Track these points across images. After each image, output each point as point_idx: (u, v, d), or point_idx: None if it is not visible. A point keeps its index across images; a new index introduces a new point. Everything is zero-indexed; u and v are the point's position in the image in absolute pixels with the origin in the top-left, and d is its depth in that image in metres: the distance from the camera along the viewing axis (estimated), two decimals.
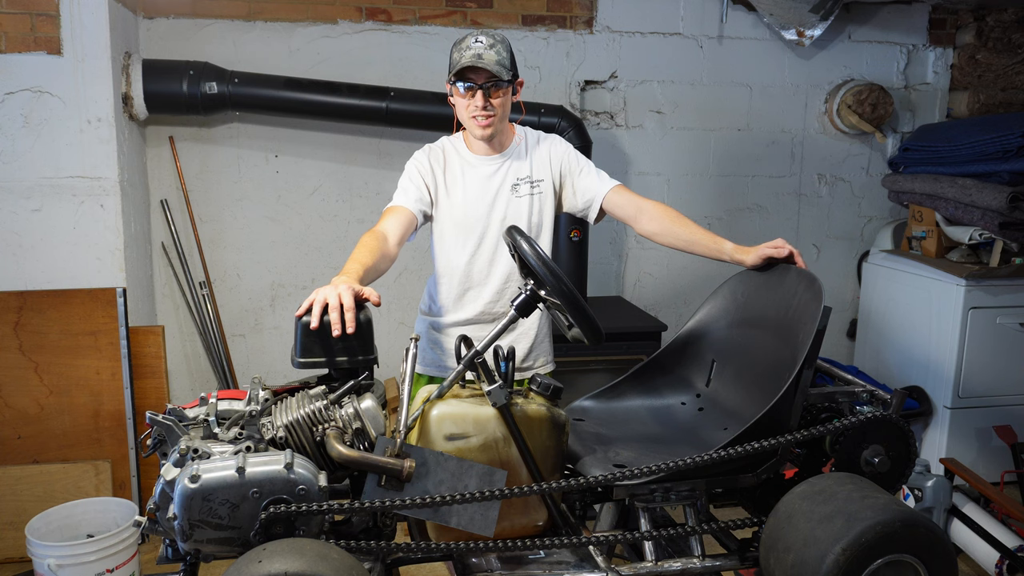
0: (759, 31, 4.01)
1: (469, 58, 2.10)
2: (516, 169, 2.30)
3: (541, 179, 2.31)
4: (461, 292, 2.31)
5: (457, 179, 2.29)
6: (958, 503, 3.15)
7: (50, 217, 3.14)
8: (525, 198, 2.29)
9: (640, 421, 2.08)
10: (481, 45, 2.12)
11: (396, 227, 2.20)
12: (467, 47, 2.13)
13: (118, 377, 3.17)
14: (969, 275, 3.54)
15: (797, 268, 2.03)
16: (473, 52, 2.11)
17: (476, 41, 2.13)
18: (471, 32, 2.17)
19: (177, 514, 1.49)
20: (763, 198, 4.19)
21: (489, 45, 2.13)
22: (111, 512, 2.92)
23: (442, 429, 1.70)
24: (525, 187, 2.30)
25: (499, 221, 2.28)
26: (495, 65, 2.10)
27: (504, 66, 2.12)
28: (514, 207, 2.28)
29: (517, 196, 2.29)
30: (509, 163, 2.30)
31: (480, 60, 2.09)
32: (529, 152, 2.32)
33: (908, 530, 1.56)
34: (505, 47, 2.16)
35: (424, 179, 2.27)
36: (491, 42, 2.13)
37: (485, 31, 2.17)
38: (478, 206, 2.27)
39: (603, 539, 1.77)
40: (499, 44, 2.14)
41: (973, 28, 4.14)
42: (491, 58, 2.11)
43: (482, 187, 2.28)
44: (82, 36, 3.05)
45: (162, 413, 1.64)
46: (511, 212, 2.28)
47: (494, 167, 2.28)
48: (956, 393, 3.63)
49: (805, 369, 1.77)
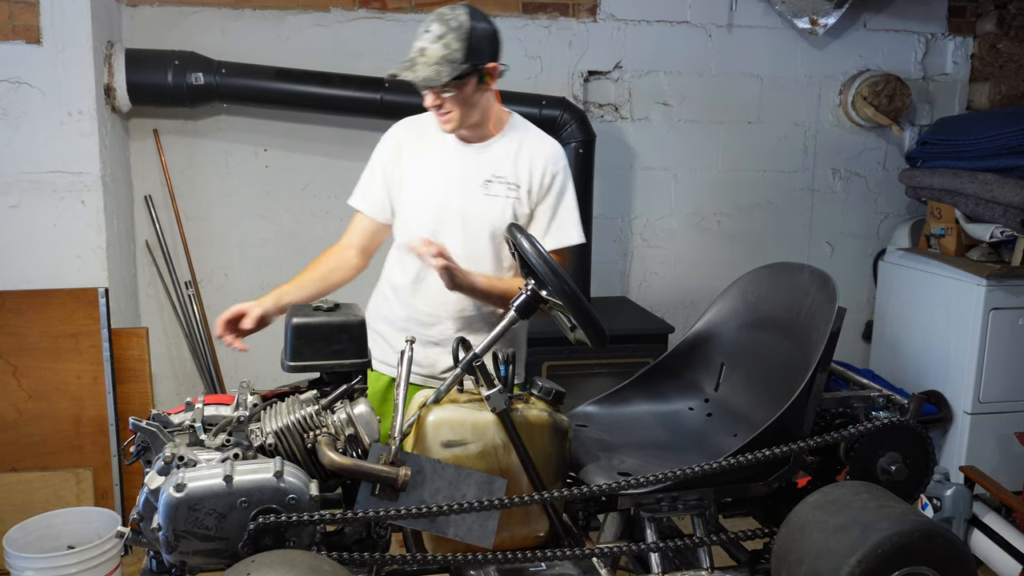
0: (770, 19, 4.01)
1: (405, 63, 2.01)
2: (494, 164, 2.18)
3: (519, 185, 2.17)
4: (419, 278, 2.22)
5: (426, 159, 2.20)
6: (978, 513, 3.14)
7: (29, 214, 3.14)
8: (499, 199, 2.16)
9: (646, 427, 2.08)
10: (429, 36, 2.00)
11: (358, 238, 2.24)
12: (420, 33, 2.02)
13: (100, 381, 3.17)
14: (990, 274, 3.54)
15: (810, 267, 2.03)
16: (415, 49, 2.01)
17: (425, 31, 2.02)
18: (428, 18, 2.04)
19: (162, 524, 1.49)
20: (774, 194, 4.19)
21: (437, 36, 1.99)
22: (93, 522, 2.92)
23: (439, 435, 1.70)
24: (500, 187, 2.17)
25: (459, 214, 2.17)
26: (432, 67, 1.98)
27: (452, 61, 1.98)
28: (483, 205, 2.17)
29: (488, 194, 2.17)
30: (487, 155, 2.18)
31: (414, 68, 1.99)
32: (517, 150, 2.19)
33: (926, 541, 1.56)
34: (460, 35, 1.99)
35: (384, 174, 2.23)
36: (441, 31, 1.99)
37: (442, 16, 2.02)
38: (440, 193, 2.18)
39: (607, 551, 1.77)
40: (451, 33, 1.99)
41: (994, 16, 4.14)
42: (434, 55, 1.98)
43: (448, 173, 2.18)
44: (62, 25, 3.05)
45: (146, 419, 1.65)
46: (478, 208, 2.16)
47: (468, 154, 2.18)
48: (976, 398, 3.63)
49: (818, 373, 1.77)
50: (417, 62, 2.01)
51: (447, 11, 2.03)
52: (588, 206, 3.67)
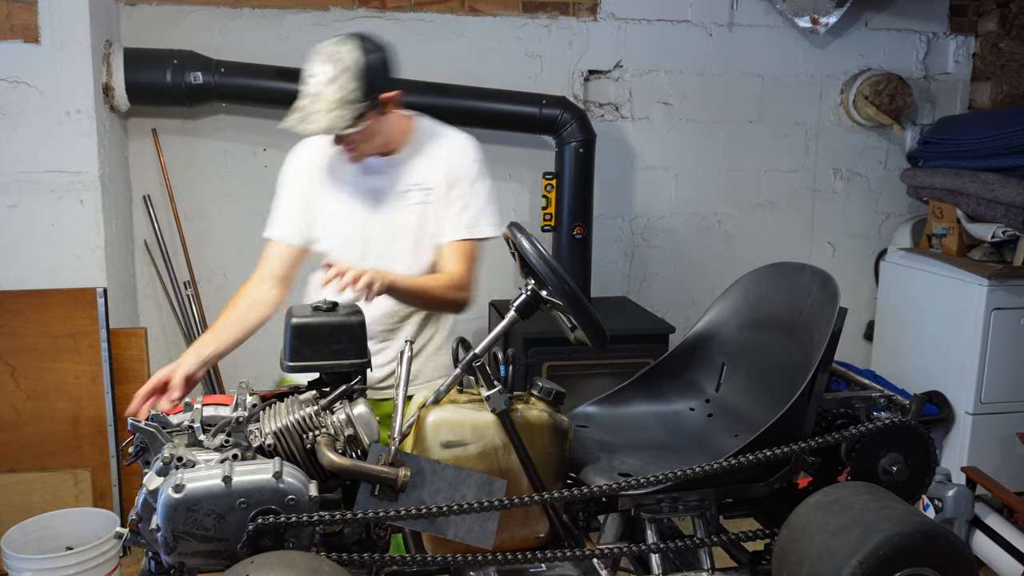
0: (771, 18, 4.01)
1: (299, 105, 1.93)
2: (407, 174, 2.15)
3: (434, 187, 2.15)
4: None
5: (339, 180, 2.16)
6: (980, 514, 3.14)
7: (27, 214, 3.14)
8: (417, 207, 2.14)
9: (646, 428, 2.08)
10: (320, 80, 1.92)
11: (275, 268, 2.17)
12: (308, 77, 1.94)
13: (98, 381, 3.16)
14: (992, 274, 3.54)
15: (811, 267, 2.03)
16: (307, 95, 1.93)
17: (314, 75, 1.93)
18: (318, 50, 1.95)
19: (160, 525, 1.49)
20: (775, 193, 4.19)
21: (330, 79, 1.91)
22: (91, 523, 2.92)
23: (439, 436, 1.70)
24: (417, 194, 2.14)
25: (382, 230, 2.15)
26: (330, 115, 1.91)
27: (350, 103, 1.92)
28: (402, 217, 2.14)
29: (406, 204, 2.14)
30: (398, 167, 2.15)
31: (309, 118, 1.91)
32: (427, 155, 2.16)
33: (928, 542, 1.56)
34: (353, 74, 1.92)
35: (297, 199, 2.17)
36: (333, 73, 1.91)
37: (330, 55, 1.92)
38: (358, 213, 2.14)
39: (607, 552, 1.77)
40: (344, 74, 1.92)
41: (996, 15, 4.14)
42: (329, 100, 1.92)
43: (364, 192, 2.15)
44: (61, 24, 3.05)
45: (144, 419, 1.65)
46: (398, 221, 2.14)
47: (379, 170, 2.15)
48: (978, 398, 3.63)
49: (820, 373, 1.77)
50: (312, 110, 1.93)
51: (334, 48, 1.94)
52: (588, 206, 3.68)
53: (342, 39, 1.96)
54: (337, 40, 1.96)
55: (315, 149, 2.18)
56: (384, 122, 2.06)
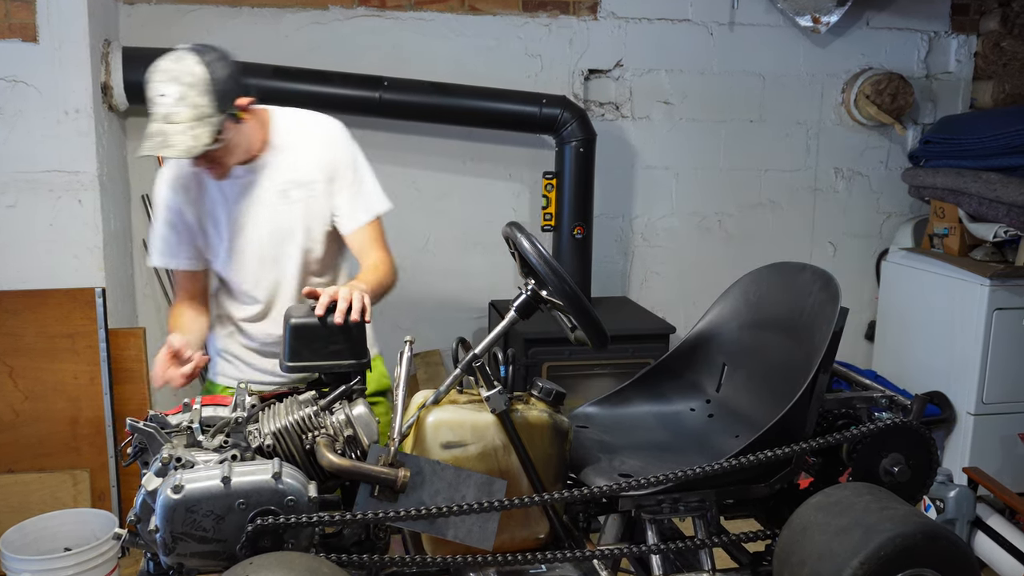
0: (772, 17, 4.01)
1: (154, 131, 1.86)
2: (280, 173, 2.10)
3: (314, 180, 2.12)
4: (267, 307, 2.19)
5: (213, 197, 2.12)
6: (982, 515, 3.14)
7: (25, 213, 3.14)
8: (299, 204, 2.11)
9: (647, 428, 2.08)
10: (168, 100, 1.85)
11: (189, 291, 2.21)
12: (155, 101, 1.86)
13: (97, 382, 3.16)
14: (994, 274, 3.54)
15: (812, 267, 2.03)
16: (159, 116, 1.86)
17: (161, 95, 1.85)
18: (156, 71, 1.87)
19: (159, 526, 1.49)
20: (776, 193, 4.19)
21: (178, 98, 1.84)
22: (89, 524, 2.92)
23: (438, 437, 1.70)
24: (297, 191, 2.11)
25: (268, 236, 2.12)
26: (188, 135, 1.85)
27: (204, 118, 1.86)
28: (286, 217, 2.11)
29: (288, 203, 2.11)
30: (269, 168, 2.10)
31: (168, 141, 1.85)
32: (295, 149, 2.12)
33: (929, 543, 1.56)
34: (201, 89, 1.85)
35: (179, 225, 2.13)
36: (180, 92, 1.84)
37: (172, 74, 1.85)
38: (240, 224, 2.11)
39: (608, 553, 1.77)
40: (192, 90, 1.85)
41: (998, 14, 4.14)
42: (183, 119, 1.85)
43: (241, 202, 2.10)
44: (59, 22, 3.05)
45: (143, 420, 1.65)
46: (282, 222, 2.11)
47: (250, 177, 2.10)
48: (980, 399, 3.63)
49: (821, 373, 1.77)
50: (168, 133, 1.86)
51: (173, 65, 1.87)
52: (589, 205, 3.68)
53: (178, 54, 1.88)
54: (174, 57, 1.88)
55: (181, 174, 2.12)
56: (242, 130, 2.00)
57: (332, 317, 1.75)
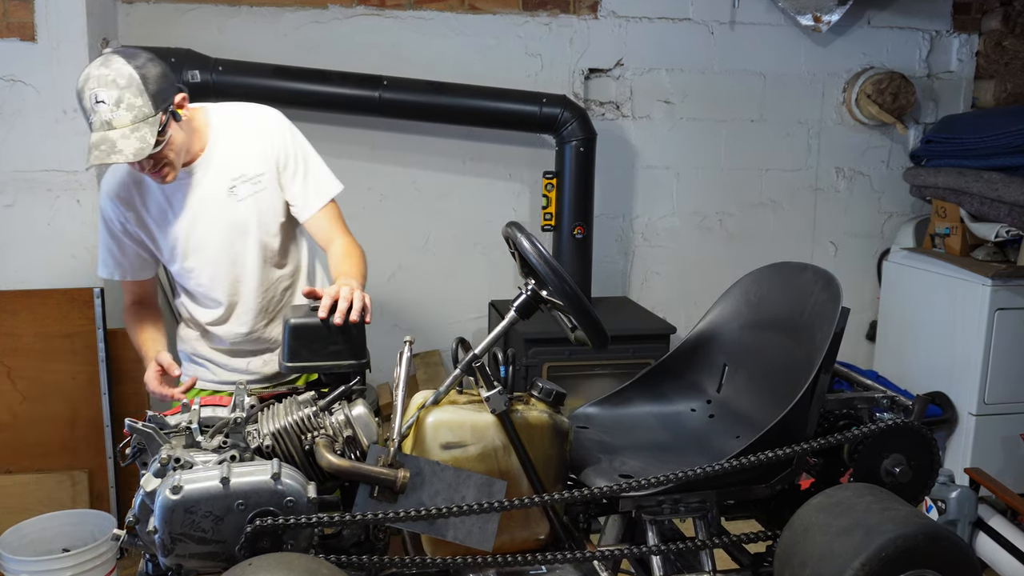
0: (773, 16, 4.01)
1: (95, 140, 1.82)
2: (225, 170, 2.08)
3: (261, 173, 2.10)
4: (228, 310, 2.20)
5: (161, 204, 2.10)
6: (984, 515, 3.14)
7: (23, 213, 3.14)
8: (248, 199, 2.09)
9: (647, 429, 2.08)
10: (105, 107, 1.81)
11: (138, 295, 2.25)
12: (91, 110, 1.83)
13: (95, 382, 3.16)
14: (995, 274, 3.54)
15: (813, 267, 2.03)
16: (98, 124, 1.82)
17: (98, 102, 1.81)
18: (87, 80, 1.83)
19: (158, 527, 1.49)
20: (777, 193, 4.19)
21: (115, 102, 1.81)
22: (88, 525, 2.92)
23: (438, 437, 1.70)
24: (244, 186, 2.09)
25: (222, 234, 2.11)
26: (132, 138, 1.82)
27: (145, 119, 1.84)
28: (237, 213, 2.09)
29: (238, 200, 2.09)
30: (213, 167, 2.08)
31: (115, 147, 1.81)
32: (236, 144, 2.09)
33: (931, 544, 1.56)
34: (136, 89, 1.83)
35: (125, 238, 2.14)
36: (115, 96, 1.81)
37: (103, 79, 1.82)
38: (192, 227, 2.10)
39: (608, 554, 1.77)
40: (126, 91, 1.82)
41: (1000, 13, 4.14)
42: (124, 122, 1.82)
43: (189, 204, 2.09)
44: (57, 21, 3.05)
45: (142, 420, 1.65)
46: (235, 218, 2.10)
47: (195, 178, 2.08)
48: (982, 399, 3.63)
49: (822, 374, 1.78)
50: (112, 139, 1.82)
51: (104, 70, 1.83)
52: (589, 205, 3.68)
53: (105, 59, 1.86)
54: (100, 63, 1.85)
55: (123, 183, 2.10)
56: (182, 128, 1.99)
57: (333, 317, 1.76)
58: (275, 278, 2.21)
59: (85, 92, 1.84)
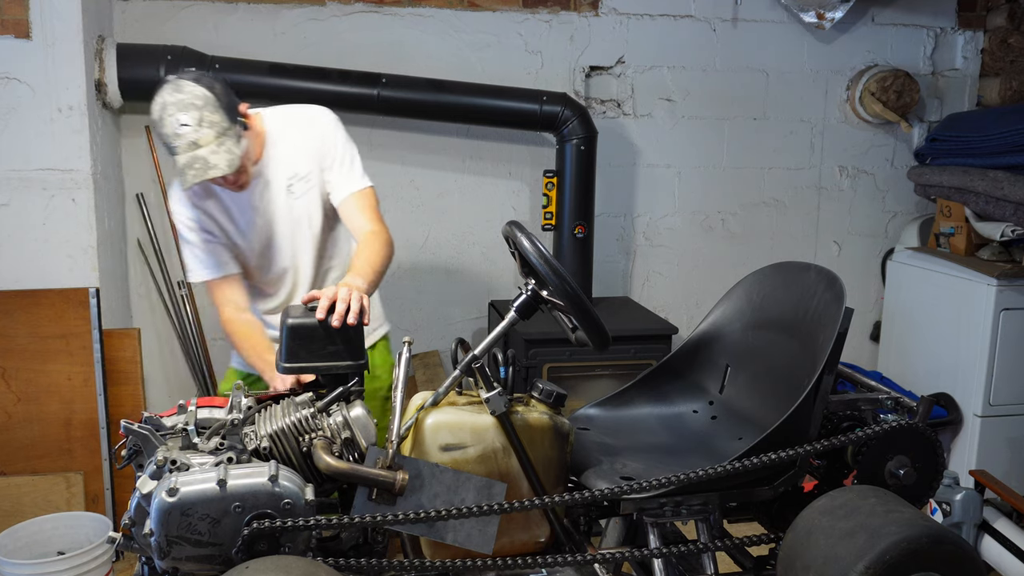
0: (776, 13, 4.01)
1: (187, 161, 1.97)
2: (281, 170, 2.23)
3: (310, 171, 2.24)
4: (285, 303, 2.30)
5: (227, 207, 2.25)
6: (989, 518, 3.14)
7: (18, 212, 3.14)
8: (304, 197, 2.25)
9: (649, 430, 2.09)
10: (190, 128, 1.96)
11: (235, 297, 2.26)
12: (175, 134, 1.97)
13: (91, 383, 3.17)
14: (1001, 274, 3.54)
15: (817, 266, 2.03)
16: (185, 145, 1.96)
17: (183, 125, 1.96)
18: (164, 108, 1.97)
19: (154, 530, 1.49)
20: (780, 192, 4.19)
21: (198, 121, 1.96)
22: (83, 528, 2.92)
23: (437, 439, 1.70)
24: (299, 185, 2.24)
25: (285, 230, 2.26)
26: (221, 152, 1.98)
27: (225, 132, 2.00)
28: (296, 210, 2.25)
29: (295, 198, 2.25)
30: (271, 168, 2.22)
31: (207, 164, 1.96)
32: (287, 145, 2.24)
33: (935, 547, 1.56)
34: (212, 106, 1.98)
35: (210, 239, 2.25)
36: (197, 116, 1.96)
37: (181, 102, 1.96)
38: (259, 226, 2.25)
39: (609, 556, 1.77)
40: (204, 110, 1.98)
41: (1005, 10, 4.14)
42: (209, 139, 1.97)
43: (255, 204, 2.24)
44: (52, 19, 3.05)
45: (138, 422, 1.65)
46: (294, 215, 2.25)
47: (257, 180, 2.22)
48: (987, 400, 3.63)
49: (825, 375, 1.78)
50: (203, 156, 1.97)
51: (176, 95, 1.98)
52: (590, 204, 3.68)
53: (174, 84, 1.99)
54: (171, 90, 1.98)
55: (195, 193, 2.22)
56: (250, 136, 2.13)
57: (331, 318, 1.76)
58: (325, 269, 2.36)
59: (165, 119, 1.97)
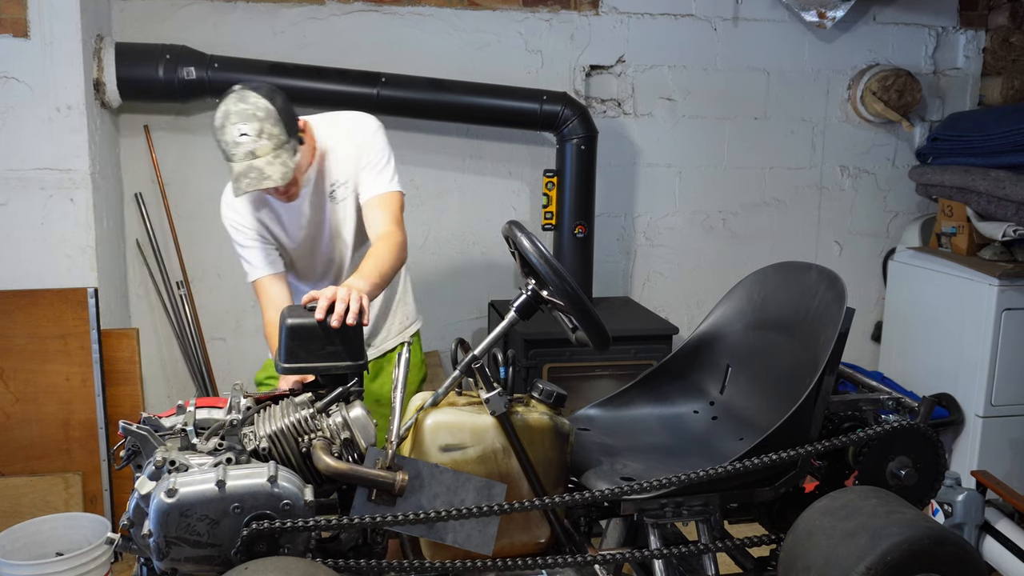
0: (777, 12, 4.01)
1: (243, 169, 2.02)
2: (325, 178, 2.31)
3: (349, 176, 2.31)
4: None
5: (276, 213, 2.32)
6: (990, 519, 3.14)
7: (16, 212, 3.14)
8: (345, 201, 2.32)
9: (649, 431, 2.09)
10: (249, 138, 2.01)
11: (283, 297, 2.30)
12: (235, 143, 2.02)
13: (89, 384, 3.17)
14: (1003, 274, 3.54)
15: (818, 266, 2.03)
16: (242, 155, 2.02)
17: (242, 135, 2.01)
18: (227, 116, 2.03)
19: (152, 531, 1.49)
20: (781, 191, 4.19)
21: (257, 133, 2.01)
22: (82, 528, 2.92)
23: (437, 439, 1.70)
24: (341, 190, 2.31)
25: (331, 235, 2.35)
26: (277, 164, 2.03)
27: (283, 145, 2.05)
28: (339, 215, 2.33)
29: (337, 203, 2.32)
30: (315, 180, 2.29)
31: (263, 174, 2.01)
32: (334, 154, 2.31)
33: (937, 547, 1.56)
34: (273, 119, 2.03)
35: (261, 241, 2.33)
36: (257, 127, 2.02)
37: (244, 112, 2.02)
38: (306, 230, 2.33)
39: (610, 557, 1.77)
40: (266, 122, 2.03)
41: (1007, 9, 4.14)
42: (266, 151, 2.03)
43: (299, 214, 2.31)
44: (51, 17, 3.05)
45: (136, 422, 1.65)
46: (337, 220, 2.34)
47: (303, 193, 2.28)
48: (989, 401, 3.63)
49: (826, 375, 1.78)
50: (259, 167, 2.03)
51: (240, 105, 2.03)
52: (590, 204, 3.68)
53: (239, 95, 2.04)
54: (235, 99, 2.03)
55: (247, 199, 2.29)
56: (304, 150, 2.18)
57: (330, 319, 1.76)
58: None
59: (227, 128, 2.02)
